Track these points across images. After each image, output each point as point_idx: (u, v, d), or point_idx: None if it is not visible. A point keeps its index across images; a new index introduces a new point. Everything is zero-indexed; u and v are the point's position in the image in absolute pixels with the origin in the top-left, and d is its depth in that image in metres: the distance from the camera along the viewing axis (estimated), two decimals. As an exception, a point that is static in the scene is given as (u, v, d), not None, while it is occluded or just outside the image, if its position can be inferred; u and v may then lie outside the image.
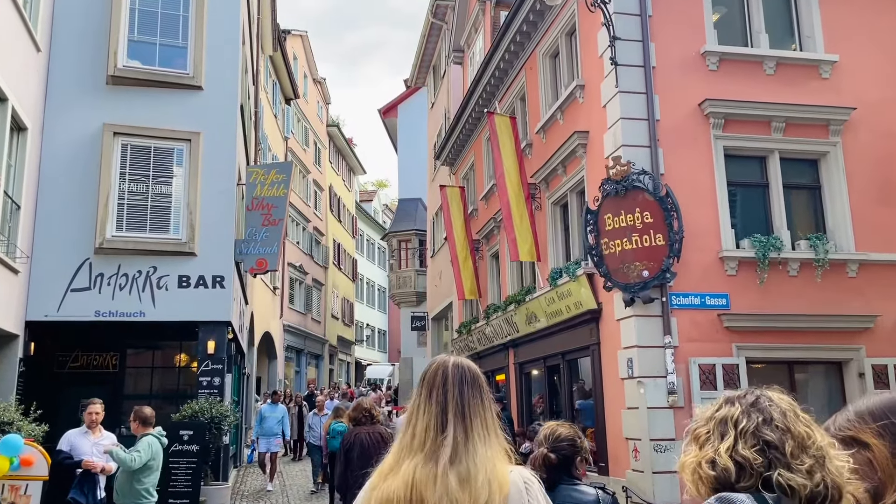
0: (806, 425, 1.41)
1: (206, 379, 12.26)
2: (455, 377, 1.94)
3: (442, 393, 1.91)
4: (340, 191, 42.11)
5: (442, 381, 1.93)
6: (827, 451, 1.38)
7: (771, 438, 1.37)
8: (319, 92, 38.70)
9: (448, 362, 1.99)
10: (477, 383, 1.96)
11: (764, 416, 1.41)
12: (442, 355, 2.06)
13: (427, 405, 1.91)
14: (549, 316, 12.45)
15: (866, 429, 1.47)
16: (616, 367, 10.13)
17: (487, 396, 1.97)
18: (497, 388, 16.65)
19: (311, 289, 34.77)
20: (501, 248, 15.90)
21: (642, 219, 9.63)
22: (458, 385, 1.92)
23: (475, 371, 2.00)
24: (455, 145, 19.46)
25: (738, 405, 1.45)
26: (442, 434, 1.85)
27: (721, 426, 1.43)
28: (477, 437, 1.85)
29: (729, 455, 1.37)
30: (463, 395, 1.91)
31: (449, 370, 1.96)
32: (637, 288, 9.54)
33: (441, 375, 1.95)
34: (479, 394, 1.94)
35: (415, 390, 1.99)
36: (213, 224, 12.72)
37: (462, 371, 1.96)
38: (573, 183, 11.98)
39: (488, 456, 1.83)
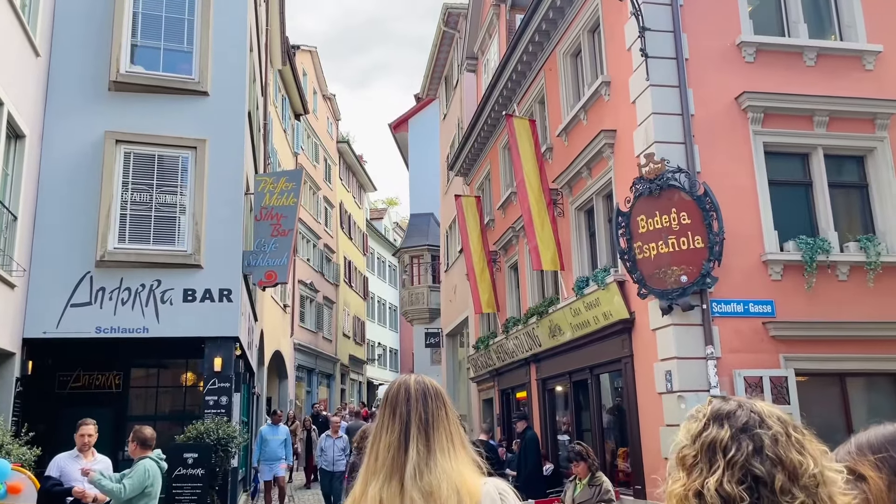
0: (799, 450, 1.32)
1: (213, 398, 11.58)
2: (418, 392, 1.94)
3: (405, 410, 1.91)
4: (351, 208, 41.61)
5: (405, 397, 1.93)
6: (822, 476, 1.31)
7: (760, 473, 1.29)
8: (329, 108, 38.33)
9: (410, 379, 2.00)
10: (440, 397, 1.96)
11: (755, 443, 1.32)
12: (403, 375, 2.05)
13: (390, 423, 1.91)
14: (575, 328, 11.73)
15: (864, 461, 1.44)
16: (652, 381, 9.39)
17: (452, 410, 1.96)
18: (518, 406, 15.91)
19: (322, 307, 34.15)
20: (521, 258, 15.22)
21: (679, 220, 8.93)
22: (422, 400, 1.92)
23: (437, 387, 1.99)
24: (469, 155, 18.85)
25: (727, 427, 1.36)
26: (404, 451, 1.85)
27: (709, 452, 1.35)
28: (440, 450, 1.85)
29: (716, 489, 1.29)
30: (427, 409, 1.91)
31: (411, 386, 1.96)
32: (675, 294, 8.82)
33: (404, 392, 1.95)
34: (443, 407, 1.94)
35: (379, 410, 1.99)
36: (220, 235, 12.13)
37: (424, 386, 1.97)
38: (599, 186, 11.30)
39: (453, 468, 1.82)
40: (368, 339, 45.90)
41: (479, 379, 18.67)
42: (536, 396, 14.16)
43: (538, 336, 13.56)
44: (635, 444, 9.85)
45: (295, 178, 13.17)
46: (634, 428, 9.88)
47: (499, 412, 17.06)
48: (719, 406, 1.44)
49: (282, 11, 23.83)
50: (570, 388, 12.53)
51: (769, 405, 1.42)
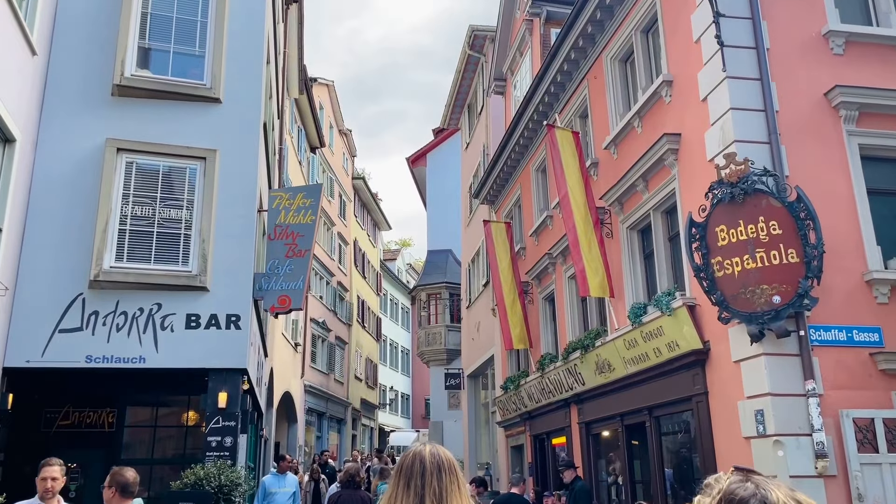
0: None
1: (216, 439, 10.14)
2: (433, 465, 2.00)
3: (419, 483, 1.96)
4: (365, 246, 40.45)
5: (420, 470, 1.99)
6: None
7: None
8: (345, 143, 37.48)
9: (425, 451, 2.04)
10: (454, 471, 2.02)
11: None
12: (418, 444, 2.09)
13: (404, 496, 1.96)
14: (629, 363, 10.27)
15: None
16: (735, 423, 7.90)
17: (465, 485, 2.02)
18: (554, 453, 14.33)
19: (334, 347, 32.69)
20: (558, 287, 13.83)
21: (768, 230, 7.57)
22: (436, 474, 1.97)
23: (451, 459, 2.05)
24: (497, 180, 17.63)
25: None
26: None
27: None
28: None
29: None
30: (441, 483, 1.96)
31: (426, 458, 2.01)
32: (767, 318, 7.40)
33: (419, 464, 2.00)
34: (456, 481, 2.00)
35: (391, 480, 2.04)
36: (229, 255, 10.85)
37: (439, 459, 2.02)
38: (658, 200, 9.98)
39: None
40: (381, 382, 44.23)
41: (508, 423, 17.09)
42: (578, 442, 12.61)
43: (581, 373, 12.08)
44: (712, 498, 8.29)
45: (313, 193, 11.93)
46: (711, 479, 8.33)
47: (531, 461, 15.45)
48: (734, 489, 1.31)
49: (300, 37, 23.00)
50: (622, 432, 11.00)
51: (789, 494, 1.29)
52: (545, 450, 14.74)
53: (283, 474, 11.43)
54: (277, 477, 11.41)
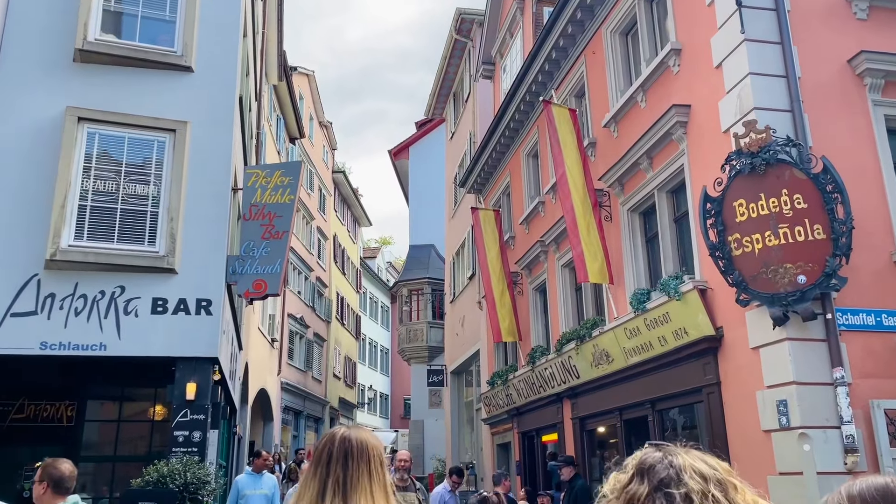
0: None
1: (183, 433, 9.30)
2: (339, 452, 1.91)
3: (325, 468, 1.90)
4: (345, 242, 39.54)
5: (327, 456, 1.92)
6: None
7: None
8: (325, 136, 36.57)
9: (336, 435, 1.96)
10: (364, 456, 1.92)
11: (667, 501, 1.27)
12: (335, 428, 2.01)
13: (311, 481, 1.90)
14: (630, 353, 9.60)
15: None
16: (752, 415, 7.24)
17: (378, 471, 1.91)
18: (544, 451, 13.64)
19: (312, 344, 31.76)
20: (550, 276, 13.14)
21: (792, 204, 6.92)
22: (342, 461, 1.90)
23: (364, 443, 1.95)
24: (485, 168, 16.91)
25: (646, 483, 1.31)
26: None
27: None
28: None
29: None
30: (346, 471, 1.88)
31: (336, 444, 1.93)
32: (791, 299, 6.74)
33: (327, 451, 1.93)
34: (367, 467, 1.90)
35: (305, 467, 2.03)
36: (200, 235, 10.03)
37: (348, 445, 1.93)
38: (664, 178, 9.31)
39: None
40: (360, 381, 43.33)
41: (494, 420, 16.37)
42: (572, 439, 11.92)
43: (576, 366, 11.40)
44: None
45: (292, 171, 11.12)
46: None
47: (518, 459, 14.75)
48: (644, 457, 1.36)
49: (280, 21, 22.15)
50: (621, 427, 10.32)
51: (696, 457, 1.35)
52: (534, 447, 14.04)
53: (259, 474, 9.98)
54: (252, 477, 9.98)
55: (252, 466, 10.22)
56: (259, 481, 9.87)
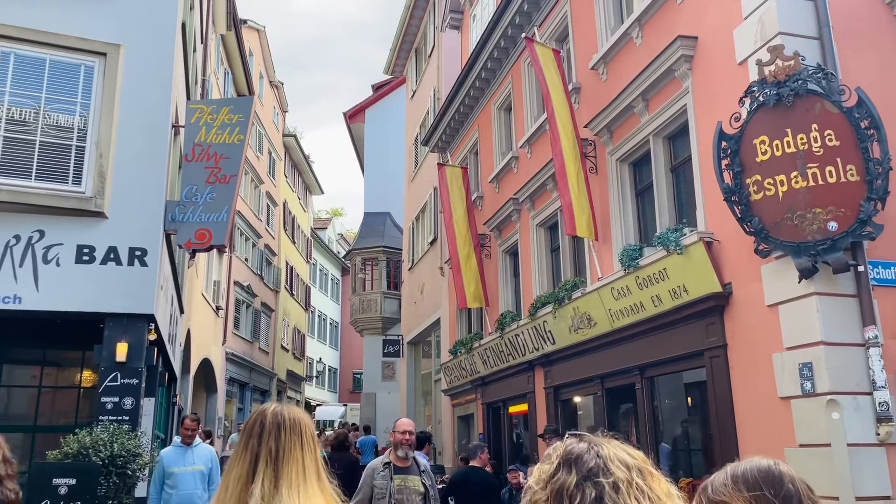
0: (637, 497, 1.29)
1: (112, 400, 8.10)
2: (272, 425, 1.93)
3: (256, 443, 1.91)
4: (295, 209, 38.01)
5: (259, 429, 1.93)
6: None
7: None
8: (276, 97, 34.83)
9: (267, 410, 1.99)
10: (297, 429, 1.95)
11: (597, 491, 1.29)
12: (265, 404, 2.07)
13: (242, 455, 1.91)
14: (617, 315, 8.74)
15: (738, 496, 1.39)
16: (766, 381, 6.43)
17: (310, 443, 1.94)
18: (511, 423, 12.81)
19: (259, 314, 30.35)
20: (524, 237, 12.21)
21: (822, 140, 6.07)
22: (275, 433, 1.92)
23: (297, 418, 1.98)
24: (451, 124, 15.83)
25: (574, 473, 1.32)
26: (251, 483, 1.85)
27: (558, 499, 1.31)
28: (286, 485, 1.85)
29: None
30: (279, 442, 1.90)
31: (267, 418, 1.95)
32: (821, 248, 5.91)
33: (258, 424, 1.94)
34: (299, 440, 1.93)
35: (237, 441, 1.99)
36: (135, 176, 8.77)
37: (280, 418, 1.95)
38: (661, 122, 8.41)
39: (299, 502, 1.83)
40: (308, 354, 42.04)
41: (456, 391, 15.48)
42: (544, 409, 11.07)
43: (551, 332, 10.52)
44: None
45: (242, 108, 9.86)
46: (728, 450, 6.87)
47: (482, 431, 13.89)
48: (571, 447, 1.38)
49: (228, -38, 20.55)
50: (603, 397, 9.49)
51: (619, 447, 1.39)
52: (500, 419, 13.19)
53: (190, 446, 7.47)
54: (181, 450, 7.48)
55: (181, 435, 7.77)
56: (190, 454, 7.40)
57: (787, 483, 1.40)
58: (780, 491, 1.38)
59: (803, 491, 1.40)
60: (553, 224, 11.39)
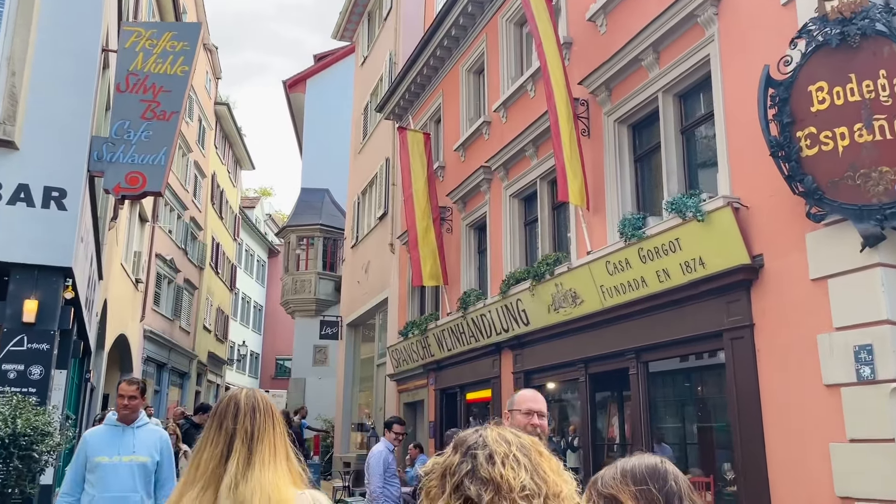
0: (514, 467, 1.37)
1: (16, 367, 6.65)
2: (247, 407, 2.01)
3: (232, 424, 1.97)
4: (224, 183, 35.93)
5: (234, 411, 2.00)
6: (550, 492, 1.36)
7: (470, 493, 1.35)
8: (209, 61, 32.66)
9: (241, 394, 2.06)
10: (269, 411, 2.04)
11: (473, 464, 1.38)
12: (234, 388, 2.13)
13: (216, 436, 1.97)
14: (611, 293, 7.82)
15: (625, 489, 1.47)
16: (806, 365, 5.61)
17: (280, 425, 2.04)
18: (469, 410, 11.81)
19: (182, 291, 28.36)
20: (494, 209, 11.18)
21: (890, 89, 5.25)
22: (250, 415, 1.99)
23: (269, 402, 2.07)
24: (411, 89, 14.64)
25: (459, 453, 1.43)
26: (224, 463, 1.92)
27: (443, 480, 1.41)
28: (260, 463, 1.92)
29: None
30: (254, 423, 1.98)
31: (241, 401, 2.02)
32: (889, 212, 5.10)
33: (233, 407, 2.01)
34: (271, 421, 2.02)
35: (207, 423, 2.04)
36: (54, 102, 7.30)
37: (254, 402, 2.03)
38: (673, 78, 7.51)
39: (270, 479, 1.90)
40: (231, 337, 40.00)
41: (404, 376, 14.35)
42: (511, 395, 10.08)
43: (525, 311, 9.55)
44: (757, 476, 5.98)
45: (189, 35, 8.44)
46: (752, 445, 6.03)
47: (433, 419, 12.83)
48: (462, 437, 1.47)
49: None
50: (586, 382, 8.57)
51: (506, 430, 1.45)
52: (456, 406, 12.16)
53: (130, 425, 4.59)
54: (114, 432, 4.54)
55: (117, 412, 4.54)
56: (129, 439, 4.52)
57: (670, 480, 1.50)
58: (664, 487, 1.48)
59: (685, 489, 1.51)
60: (530, 195, 10.41)
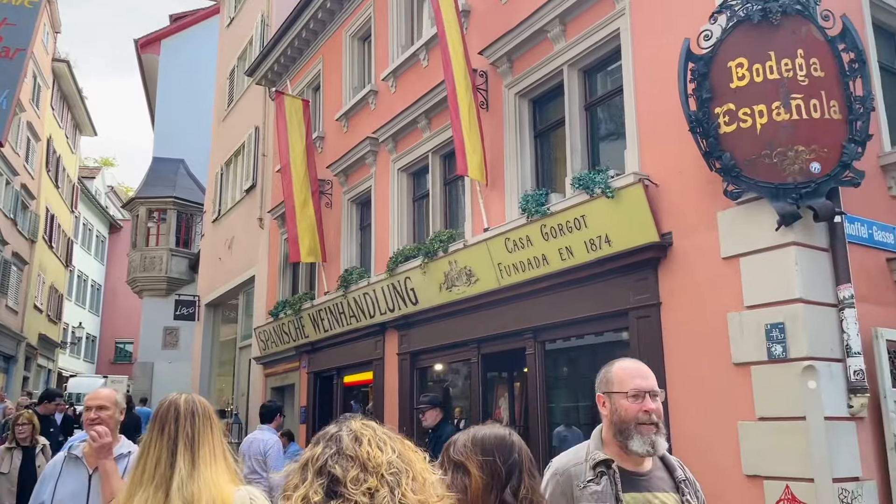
0: (379, 446, 1.40)
1: None
2: (187, 411, 2.15)
3: (174, 428, 2.11)
4: (62, 149, 32.71)
5: (174, 415, 2.13)
6: (408, 467, 1.39)
7: (336, 471, 1.36)
8: (48, 11, 29.45)
9: (180, 399, 2.20)
10: (207, 414, 2.19)
11: (337, 447, 1.41)
12: (173, 393, 2.24)
13: (159, 439, 2.10)
14: (509, 271, 7.57)
15: (473, 458, 1.64)
16: (715, 344, 5.59)
17: (218, 427, 2.20)
18: (346, 395, 11.27)
19: (9, 266, 25.49)
20: (380, 183, 10.63)
21: (808, 69, 5.29)
22: (190, 418, 2.13)
23: (206, 405, 2.23)
24: (288, 52, 13.71)
25: (322, 443, 1.44)
26: (171, 464, 2.05)
27: (303, 472, 1.41)
28: (203, 464, 2.07)
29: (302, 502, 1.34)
30: (194, 426, 2.12)
31: (181, 406, 2.17)
32: (804, 192, 5.13)
33: (174, 410, 2.15)
34: (210, 424, 2.17)
35: (148, 426, 2.17)
36: None
37: (194, 406, 2.19)
38: (581, 51, 7.31)
39: (213, 479, 2.06)
40: (66, 319, 36.62)
41: (273, 358, 13.51)
42: (396, 378, 9.66)
43: (414, 289, 9.13)
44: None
45: (39, -41, 7.21)
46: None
47: (305, 403, 12.15)
48: (325, 430, 1.49)
49: None
50: (478, 363, 8.28)
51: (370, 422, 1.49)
52: (332, 390, 11.54)
53: None
54: None
55: None
56: None
57: (515, 453, 1.67)
58: (508, 459, 1.65)
59: (526, 463, 1.67)
60: (421, 169, 9.97)
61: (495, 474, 1.63)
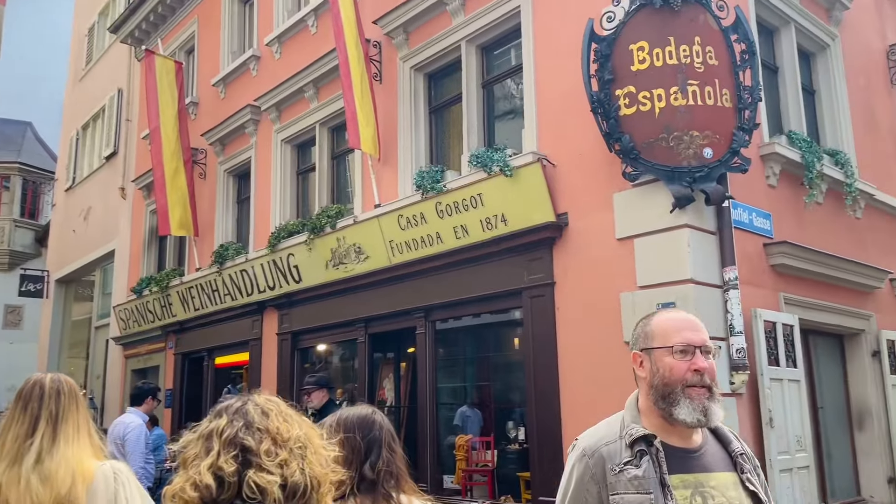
0: (286, 420, 1.44)
1: None
2: (52, 390, 2.17)
3: (37, 405, 2.13)
4: None
5: (39, 394, 2.15)
6: (309, 442, 1.44)
7: (248, 443, 1.37)
8: None
9: (45, 378, 2.22)
10: (73, 393, 2.21)
11: (246, 420, 1.42)
12: (38, 373, 2.24)
13: (21, 416, 2.12)
14: (401, 249, 7.39)
15: (337, 437, 1.71)
16: (606, 324, 5.69)
17: (83, 406, 2.22)
18: (219, 376, 10.71)
19: None
20: (262, 154, 10.08)
21: (704, 57, 5.45)
22: (55, 396, 2.16)
23: (72, 384, 2.25)
24: (159, 9, 12.70)
25: (225, 416, 1.43)
26: (30, 440, 2.07)
27: (207, 442, 1.40)
28: (65, 440, 2.09)
29: (211, 471, 1.35)
30: (59, 404, 2.14)
31: (46, 385, 2.18)
32: (698, 175, 5.28)
33: (38, 389, 2.16)
34: (75, 403, 2.19)
35: (10, 405, 2.16)
36: None
37: (59, 385, 2.20)
38: (480, 27, 7.20)
39: (74, 454, 2.08)
40: None
41: (135, 339, 12.58)
42: (275, 359, 9.23)
43: (297, 266, 8.75)
44: (549, 440, 5.98)
45: None
46: (548, 401, 6.01)
47: (172, 387, 11.41)
48: (220, 405, 1.50)
49: None
50: (366, 343, 8.04)
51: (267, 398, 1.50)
52: (202, 372, 10.89)
53: None
54: None
55: None
56: None
57: (375, 430, 1.78)
58: (368, 435, 1.77)
59: (387, 438, 1.78)
60: (307, 141, 9.53)
61: (355, 449, 1.74)
